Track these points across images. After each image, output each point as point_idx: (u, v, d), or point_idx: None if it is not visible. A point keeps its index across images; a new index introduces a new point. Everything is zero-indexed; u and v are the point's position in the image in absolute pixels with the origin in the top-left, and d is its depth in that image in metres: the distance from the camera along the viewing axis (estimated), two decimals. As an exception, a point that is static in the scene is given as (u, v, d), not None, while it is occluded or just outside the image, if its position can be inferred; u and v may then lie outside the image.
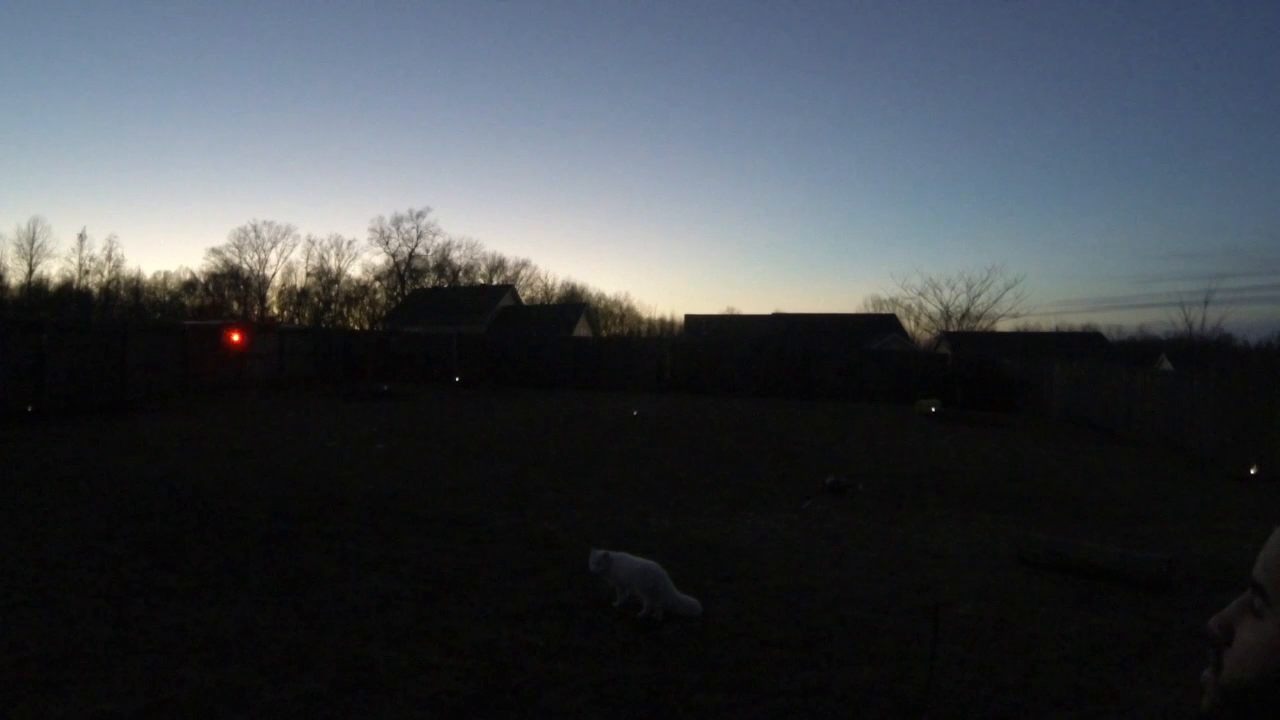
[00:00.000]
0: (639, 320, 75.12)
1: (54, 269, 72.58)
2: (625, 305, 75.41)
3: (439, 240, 58.78)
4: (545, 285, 66.29)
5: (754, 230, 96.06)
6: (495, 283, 56.82)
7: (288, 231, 66.65)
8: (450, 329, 31.29)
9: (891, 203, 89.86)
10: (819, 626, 4.60)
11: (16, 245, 55.43)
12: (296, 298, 59.99)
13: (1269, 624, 0.67)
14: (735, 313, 55.39)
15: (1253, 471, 11.67)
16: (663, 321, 75.54)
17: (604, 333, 56.70)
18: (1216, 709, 0.71)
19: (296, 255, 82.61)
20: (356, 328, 50.44)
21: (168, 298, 60.13)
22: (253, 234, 60.14)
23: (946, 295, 51.59)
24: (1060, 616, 4.94)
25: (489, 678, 3.73)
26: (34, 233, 54.38)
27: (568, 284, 67.60)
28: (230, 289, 60.35)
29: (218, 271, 59.85)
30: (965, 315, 49.96)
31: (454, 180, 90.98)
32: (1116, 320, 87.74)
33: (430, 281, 55.91)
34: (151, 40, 79.36)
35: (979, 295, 50.07)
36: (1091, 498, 9.24)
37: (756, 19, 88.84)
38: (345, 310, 59.08)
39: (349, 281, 60.41)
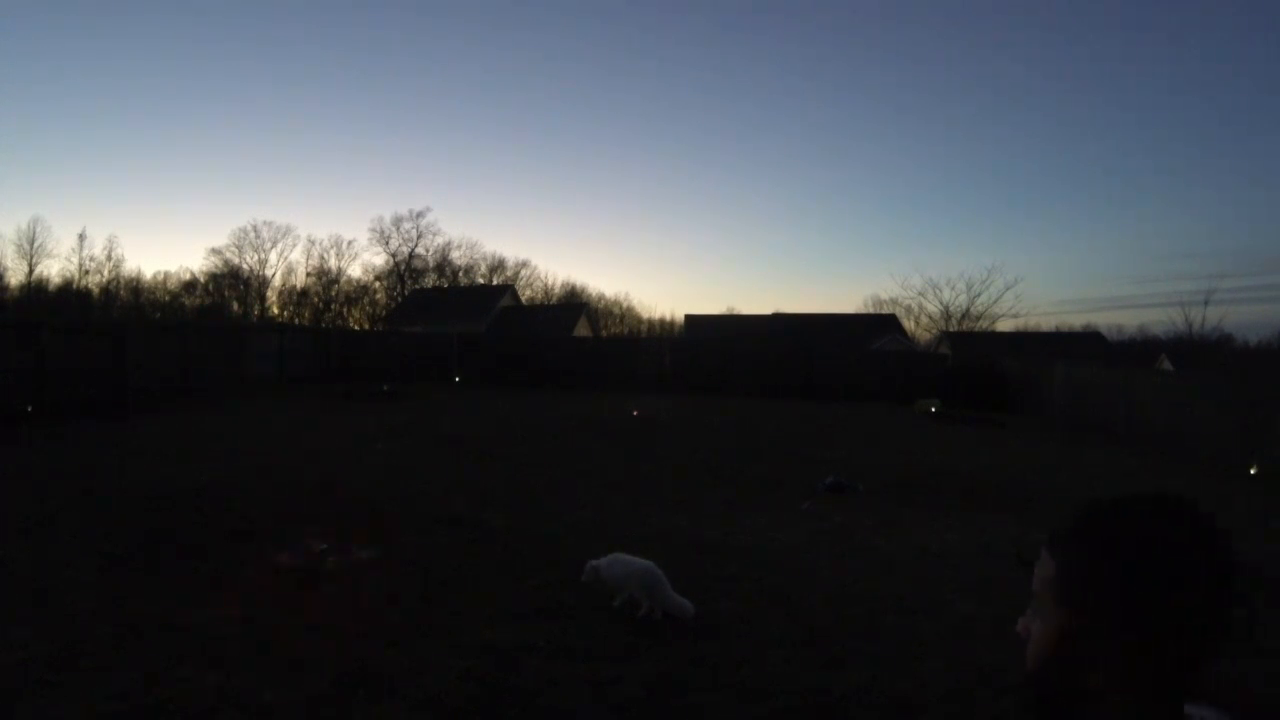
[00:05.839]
0: (639, 320, 75.12)
1: (54, 269, 72.85)
2: (625, 305, 75.43)
3: (439, 240, 59.04)
4: (545, 285, 66.33)
5: (754, 230, 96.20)
6: (495, 283, 56.87)
7: (288, 231, 66.89)
8: (450, 329, 31.30)
9: (891, 203, 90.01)
10: (819, 627, 4.60)
11: (16, 245, 55.48)
12: (296, 298, 59.93)
13: (1039, 623, 0.90)
14: (735, 313, 55.46)
15: (1252, 472, 11.67)
16: (663, 321, 75.58)
17: (604, 333, 56.67)
18: (1028, 700, 0.91)
19: (296, 255, 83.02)
20: (356, 328, 50.42)
21: (168, 298, 60.07)
22: (253, 234, 60.23)
23: (946, 295, 51.92)
24: (1060, 616, 4.93)
25: (489, 678, 3.73)
26: (34, 233, 54.53)
27: (568, 284, 67.65)
28: (230, 289, 60.37)
29: (218, 271, 59.91)
30: (965, 315, 50.01)
31: (454, 180, 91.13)
32: (1116, 320, 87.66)
33: (430, 281, 55.93)
34: (151, 40, 79.46)
35: (979, 295, 50.23)
36: (1091, 498, 9.22)
37: (755, 19, 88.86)
38: (345, 310, 59.02)
39: (349, 281, 60.39)
